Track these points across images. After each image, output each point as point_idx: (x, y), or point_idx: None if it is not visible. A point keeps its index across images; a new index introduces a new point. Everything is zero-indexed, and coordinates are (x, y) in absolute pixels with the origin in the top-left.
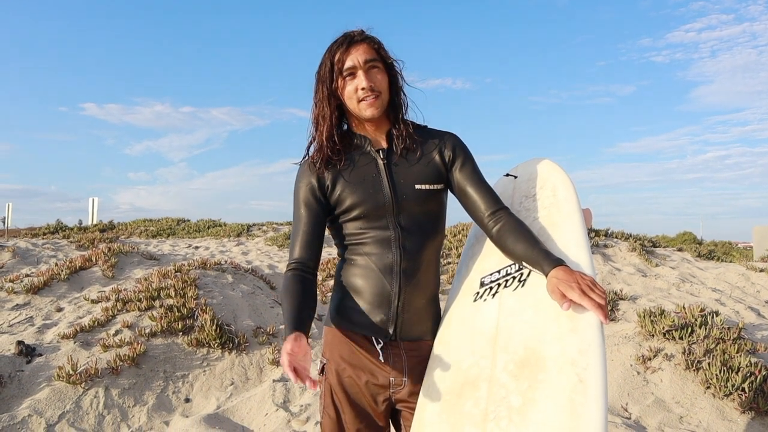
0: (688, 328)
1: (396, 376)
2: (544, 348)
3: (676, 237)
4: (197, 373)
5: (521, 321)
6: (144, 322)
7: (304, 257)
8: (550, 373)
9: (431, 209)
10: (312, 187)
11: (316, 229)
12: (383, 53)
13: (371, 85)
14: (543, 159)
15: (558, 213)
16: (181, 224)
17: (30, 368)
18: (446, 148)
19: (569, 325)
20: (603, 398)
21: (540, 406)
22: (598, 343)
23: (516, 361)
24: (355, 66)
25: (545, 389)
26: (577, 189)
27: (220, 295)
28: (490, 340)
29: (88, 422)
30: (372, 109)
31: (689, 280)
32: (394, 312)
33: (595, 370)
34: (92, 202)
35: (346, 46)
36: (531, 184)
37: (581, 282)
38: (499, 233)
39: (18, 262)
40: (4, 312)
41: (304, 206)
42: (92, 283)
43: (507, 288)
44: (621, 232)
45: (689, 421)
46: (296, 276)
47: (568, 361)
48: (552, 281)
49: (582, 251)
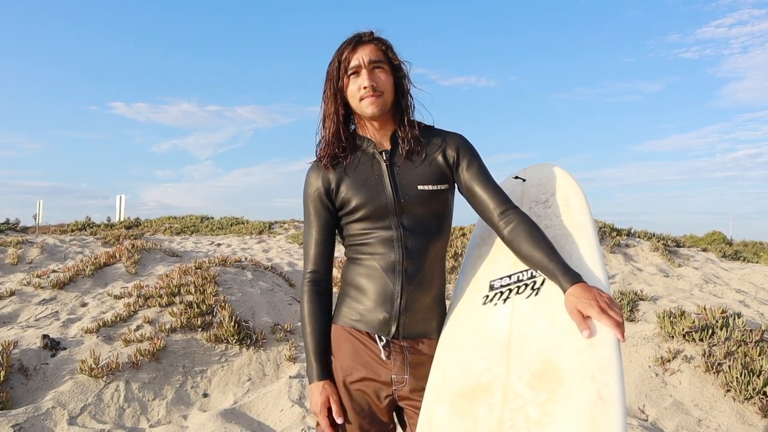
0: (709, 329)
1: (398, 374)
2: (561, 361)
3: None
4: (215, 369)
5: (536, 331)
6: (164, 317)
7: (319, 267)
8: (569, 387)
9: (435, 209)
10: (320, 194)
11: (327, 236)
12: (390, 55)
13: (373, 84)
14: (553, 164)
15: (572, 223)
16: (205, 222)
17: (54, 361)
18: (450, 149)
19: (588, 340)
20: (623, 417)
21: (561, 420)
22: (617, 361)
23: (532, 371)
24: (359, 65)
25: (565, 403)
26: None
27: (239, 292)
28: (503, 347)
29: (109, 415)
30: (373, 107)
31: (713, 280)
32: (396, 310)
33: (614, 388)
34: (119, 199)
35: (353, 45)
36: (541, 189)
37: (599, 300)
38: (513, 234)
39: (46, 257)
40: (31, 306)
41: (314, 214)
42: (116, 279)
43: (519, 295)
44: (644, 231)
45: (708, 424)
46: (313, 293)
47: (588, 376)
48: (570, 299)
49: (597, 266)
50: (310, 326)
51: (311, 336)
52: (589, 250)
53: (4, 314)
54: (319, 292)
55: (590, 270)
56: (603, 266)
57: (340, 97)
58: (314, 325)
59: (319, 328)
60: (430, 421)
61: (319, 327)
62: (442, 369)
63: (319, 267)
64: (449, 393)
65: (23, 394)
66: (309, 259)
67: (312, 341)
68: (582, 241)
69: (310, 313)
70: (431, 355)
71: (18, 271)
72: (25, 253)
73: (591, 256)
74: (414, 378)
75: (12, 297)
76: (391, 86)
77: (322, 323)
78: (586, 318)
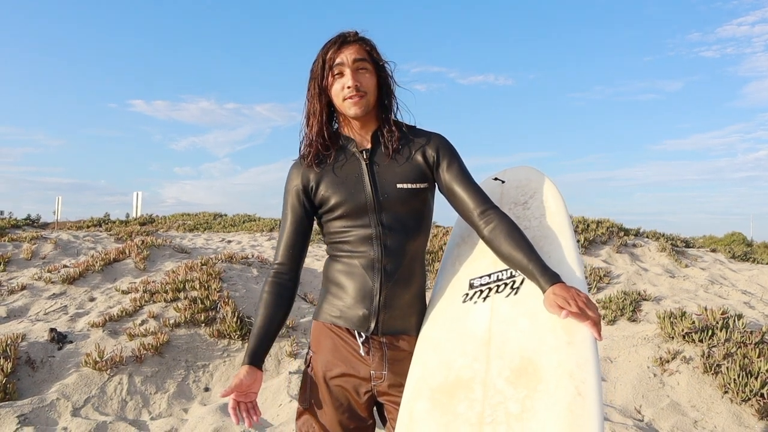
0: (709, 330)
1: (377, 369)
2: (540, 358)
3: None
4: (217, 363)
5: (516, 329)
6: (169, 312)
7: (285, 262)
8: (548, 383)
9: (414, 208)
10: (298, 190)
11: (299, 233)
12: (375, 55)
13: (357, 84)
14: (531, 167)
15: (550, 225)
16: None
17: (61, 354)
18: (430, 149)
19: (566, 338)
20: (600, 412)
21: (540, 415)
22: (594, 359)
23: (512, 368)
24: (343, 64)
25: (544, 399)
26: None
27: (243, 288)
28: (483, 344)
29: (112, 407)
30: (356, 108)
31: (719, 281)
32: (375, 307)
33: (592, 384)
34: (136, 196)
35: (338, 45)
36: (521, 191)
37: (577, 299)
38: (492, 234)
39: (59, 253)
40: (41, 300)
41: (290, 210)
42: (125, 274)
43: (499, 294)
44: (653, 231)
45: (704, 425)
46: (274, 286)
47: (566, 373)
48: (549, 297)
49: (576, 267)
50: (261, 312)
51: (258, 320)
52: (568, 251)
53: (15, 308)
54: (279, 284)
55: (569, 270)
56: (581, 267)
57: (324, 96)
58: (264, 311)
59: (268, 315)
60: (410, 417)
61: (269, 314)
62: (422, 365)
63: (285, 261)
64: (429, 388)
65: (29, 386)
66: (278, 253)
67: (256, 326)
68: (561, 243)
69: (264, 301)
70: (411, 351)
71: (31, 266)
72: (39, 248)
73: (570, 257)
74: (393, 374)
75: (23, 291)
76: (375, 86)
77: (273, 312)
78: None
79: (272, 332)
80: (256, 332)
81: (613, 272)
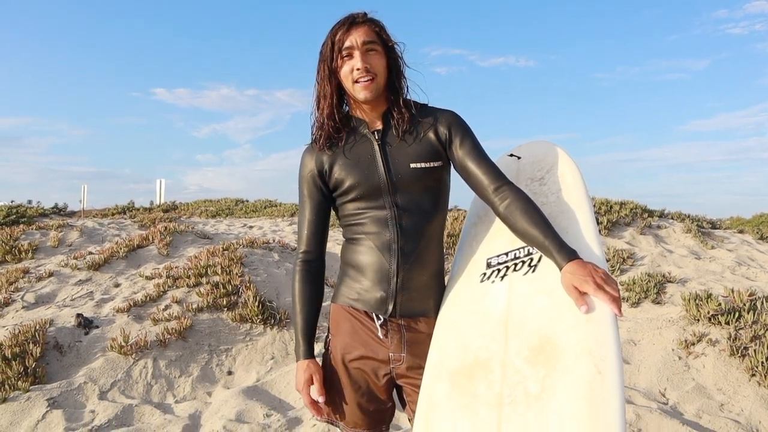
0: (735, 312)
1: (395, 352)
2: (559, 336)
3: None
4: (240, 347)
5: (534, 307)
6: (192, 297)
7: (310, 248)
8: (567, 362)
9: (429, 187)
10: (313, 175)
11: (320, 217)
12: (384, 36)
13: (366, 66)
14: (548, 142)
15: (568, 201)
16: (239, 204)
17: (87, 339)
18: (442, 126)
19: (585, 316)
20: (621, 389)
21: (559, 394)
22: (614, 335)
23: (530, 347)
24: (353, 46)
25: (563, 378)
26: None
27: (265, 273)
28: (500, 324)
29: (137, 390)
30: (366, 92)
31: (746, 263)
32: (393, 289)
33: (612, 362)
34: (159, 183)
35: (347, 26)
36: (537, 166)
37: (595, 275)
38: (508, 210)
39: (84, 240)
40: (68, 287)
41: (307, 196)
42: (148, 260)
43: (516, 272)
44: (678, 212)
45: (730, 408)
46: (304, 273)
47: (585, 350)
48: (566, 276)
49: (594, 243)
50: (300, 306)
51: (300, 315)
52: (586, 226)
53: (43, 294)
54: (310, 272)
55: (587, 246)
56: (599, 242)
57: (334, 78)
58: (303, 305)
59: (308, 308)
60: (430, 400)
61: (308, 307)
62: (440, 347)
63: (311, 247)
64: (448, 371)
65: (58, 370)
66: (302, 240)
67: (300, 320)
68: (578, 218)
69: (300, 293)
70: (429, 333)
71: (58, 253)
72: (66, 235)
73: (587, 232)
74: (411, 356)
75: (51, 278)
76: (384, 68)
77: (311, 303)
78: (583, 294)
79: (314, 322)
80: (302, 327)
81: (636, 254)
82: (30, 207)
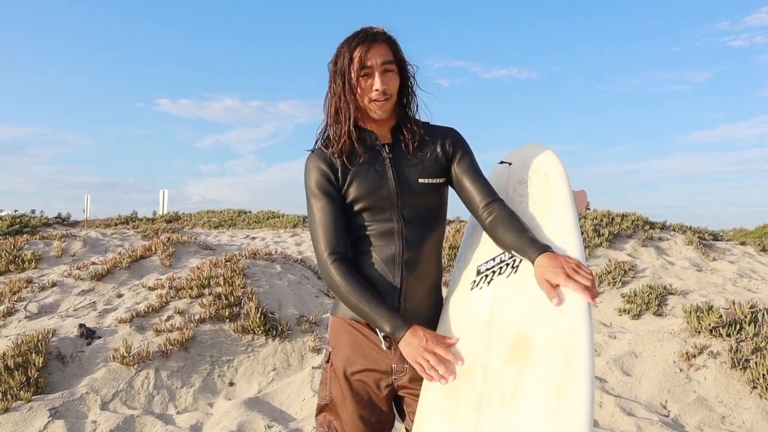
0: (737, 325)
1: (398, 363)
2: (534, 333)
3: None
4: (242, 359)
5: (514, 308)
6: (194, 308)
7: (337, 248)
8: (538, 357)
9: (433, 202)
10: (327, 175)
11: (340, 214)
12: (399, 56)
13: (385, 89)
14: (537, 144)
15: (549, 198)
16: (242, 216)
17: (90, 349)
18: (447, 143)
19: (558, 308)
20: (589, 379)
21: (529, 389)
22: (586, 325)
23: (508, 346)
24: (373, 66)
25: (533, 372)
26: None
27: (267, 284)
28: (485, 328)
29: (139, 401)
30: (381, 111)
31: (748, 275)
32: (396, 301)
33: (581, 352)
34: (162, 194)
35: (368, 44)
36: (524, 170)
37: (566, 266)
38: (492, 224)
39: (88, 250)
40: (71, 297)
41: (323, 195)
42: (151, 271)
43: (501, 275)
44: (679, 224)
45: (732, 421)
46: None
47: (556, 343)
48: (538, 270)
49: (571, 235)
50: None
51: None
52: (565, 220)
53: (46, 304)
54: (345, 261)
55: (563, 239)
56: (578, 234)
57: (352, 92)
58: (363, 290)
59: (370, 290)
60: (424, 407)
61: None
62: None
63: (336, 247)
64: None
65: (60, 380)
66: (328, 242)
67: (373, 302)
68: (557, 212)
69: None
70: None
71: (61, 263)
72: (69, 246)
73: (566, 226)
74: (413, 367)
75: (54, 288)
76: (398, 87)
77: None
78: (555, 287)
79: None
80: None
81: (638, 266)
82: (33, 217)
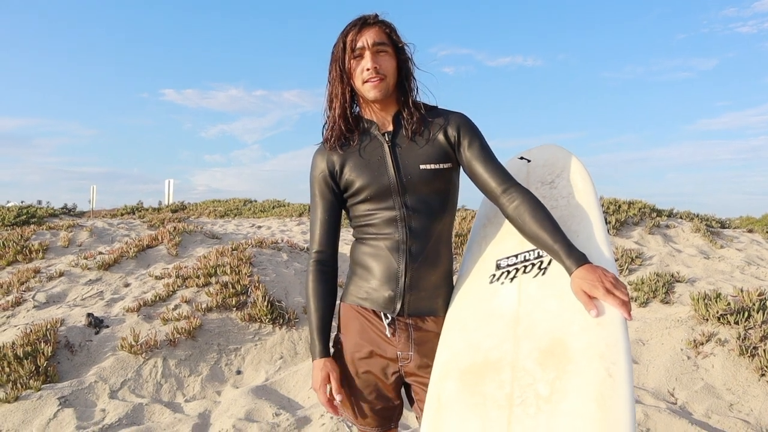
0: (745, 312)
1: (403, 350)
2: (570, 339)
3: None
4: (249, 347)
5: (544, 310)
6: (201, 297)
7: (324, 247)
8: (578, 365)
9: (438, 188)
10: (324, 175)
11: (332, 217)
12: (394, 37)
13: (376, 67)
14: (557, 145)
15: (578, 204)
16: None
17: (98, 338)
18: (451, 128)
19: (595, 319)
20: (631, 394)
21: (570, 397)
22: (624, 339)
23: (541, 349)
24: (364, 47)
25: (574, 381)
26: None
27: (274, 273)
28: (511, 325)
29: (147, 390)
30: (375, 91)
31: (756, 262)
32: (401, 289)
33: (622, 366)
34: (168, 183)
35: (359, 27)
36: (547, 170)
37: (604, 280)
38: (517, 212)
39: (94, 240)
40: (78, 287)
41: (319, 196)
42: (158, 260)
43: (526, 274)
44: (686, 212)
45: (740, 408)
46: (318, 273)
47: (596, 354)
48: (576, 281)
49: (604, 246)
50: (314, 305)
51: (315, 315)
52: (596, 229)
53: (54, 294)
54: (324, 272)
55: (597, 249)
56: (609, 245)
57: (346, 78)
58: (318, 304)
59: (323, 308)
60: (439, 398)
61: (323, 306)
62: (449, 346)
63: (324, 247)
64: (457, 370)
65: (69, 369)
66: (314, 240)
67: (315, 319)
68: (588, 221)
69: (315, 292)
70: (437, 332)
71: (69, 253)
72: (76, 236)
73: (598, 235)
74: (419, 354)
75: (61, 278)
76: (394, 69)
77: (326, 303)
78: (593, 298)
79: (329, 321)
80: (317, 326)
81: (645, 254)
82: (40, 207)
